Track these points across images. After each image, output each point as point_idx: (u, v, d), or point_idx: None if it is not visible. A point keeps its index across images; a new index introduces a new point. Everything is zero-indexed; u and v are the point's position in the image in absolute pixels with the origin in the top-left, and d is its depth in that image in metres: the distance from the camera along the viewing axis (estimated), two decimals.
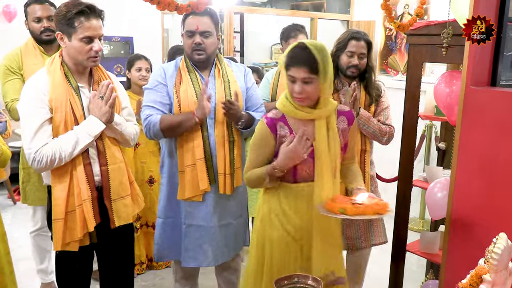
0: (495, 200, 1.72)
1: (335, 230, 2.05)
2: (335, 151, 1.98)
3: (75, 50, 2.06)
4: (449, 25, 2.02)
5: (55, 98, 2.06)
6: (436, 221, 2.99)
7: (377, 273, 3.12)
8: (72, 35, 2.03)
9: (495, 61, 1.82)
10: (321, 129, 1.95)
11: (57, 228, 2.10)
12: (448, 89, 2.40)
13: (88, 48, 2.06)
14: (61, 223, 2.10)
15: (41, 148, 2.02)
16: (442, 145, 3.57)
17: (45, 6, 2.93)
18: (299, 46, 1.92)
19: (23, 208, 3.81)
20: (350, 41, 2.62)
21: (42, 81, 2.08)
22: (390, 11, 2.20)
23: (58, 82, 2.08)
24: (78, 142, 2.06)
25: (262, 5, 6.49)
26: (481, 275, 1.27)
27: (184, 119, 2.39)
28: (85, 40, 2.04)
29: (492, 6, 1.76)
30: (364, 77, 2.69)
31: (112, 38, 5.97)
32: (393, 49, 5.03)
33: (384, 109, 2.72)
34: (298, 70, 1.89)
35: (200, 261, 2.56)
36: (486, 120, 1.73)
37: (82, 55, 2.07)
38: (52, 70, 2.10)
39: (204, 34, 2.41)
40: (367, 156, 2.72)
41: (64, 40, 2.07)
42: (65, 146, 2.04)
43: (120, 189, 2.24)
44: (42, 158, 2.02)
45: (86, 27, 2.03)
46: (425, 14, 4.57)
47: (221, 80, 2.50)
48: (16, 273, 2.50)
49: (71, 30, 2.02)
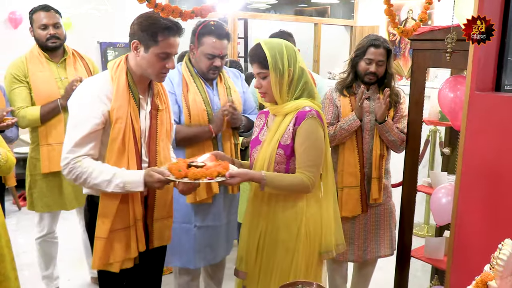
0: (500, 205, 1.71)
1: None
2: (272, 148, 2.02)
3: (148, 63, 1.94)
4: (453, 30, 2.02)
5: (117, 108, 1.93)
6: (441, 226, 2.98)
7: (382, 279, 3.11)
8: (151, 47, 1.91)
9: (499, 66, 1.81)
10: (275, 125, 2.04)
11: (99, 247, 1.97)
12: (453, 94, 2.40)
13: (163, 65, 1.95)
14: (104, 242, 1.96)
15: (80, 159, 1.90)
16: (446, 150, 3.56)
17: (51, 14, 2.94)
18: (255, 45, 2.05)
19: (28, 214, 3.82)
20: (369, 48, 2.63)
21: (104, 88, 1.95)
22: (393, 17, 2.20)
23: (122, 91, 1.95)
24: (109, 182, 1.90)
25: (266, 11, 6.51)
26: (487, 281, 1.26)
27: (200, 132, 2.49)
28: (162, 55, 1.93)
29: (496, 11, 1.76)
30: (383, 83, 2.71)
31: (117, 44, 6.01)
32: (397, 54, 5.03)
33: (404, 116, 2.72)
34: (253, 66, 2.05)
35: (209, 260, 2.65)
36: (491, 125, 1.73)
37: (154, 69, 1.96)
38: (116, 78, 1.96)
39: (223, 58, 2.52)
40: (384, 162, 2.71)
41: (139, 49, 1.94)
42: (95, 174, 1.90)
43: (164, 209, 2.16)
44: (74, 170, 1.90)
45: (168, 44, 1.93)
46: (429, 19, 4.57)
47: (223, 87, 2.61)
48: (21, 279, 2.49)
49: (152, 43, 1.91)
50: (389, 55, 2.68)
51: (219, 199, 2.59)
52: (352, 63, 2.71)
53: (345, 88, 2.71)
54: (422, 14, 2.31)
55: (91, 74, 3.08)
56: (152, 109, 2.07)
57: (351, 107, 2.67)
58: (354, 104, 2.66)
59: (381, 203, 2.71)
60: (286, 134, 2.00)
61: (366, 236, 2.72)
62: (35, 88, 2.88)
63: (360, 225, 2.70)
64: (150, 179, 1.89)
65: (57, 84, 2.92)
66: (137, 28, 1.93)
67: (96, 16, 5.76)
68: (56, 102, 2.87)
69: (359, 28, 5.35)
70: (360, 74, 2.68)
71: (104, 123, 1.93)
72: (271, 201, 2.04)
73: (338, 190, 2.64)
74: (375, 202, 2.68)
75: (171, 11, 1.51)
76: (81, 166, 1.90)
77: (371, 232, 2.73)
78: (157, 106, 2.08)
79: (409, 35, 2.34)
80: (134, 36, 1.94)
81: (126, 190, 1.92)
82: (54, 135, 2.90)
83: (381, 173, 2.69)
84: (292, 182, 1.96)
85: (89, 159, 1.92)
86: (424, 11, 2.31)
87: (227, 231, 2.70)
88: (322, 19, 5.54)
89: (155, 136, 2.08)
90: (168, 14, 1.52)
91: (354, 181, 2.64)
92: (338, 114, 2.70)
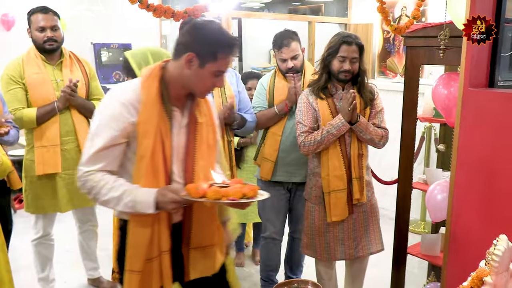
0: (495, 201, 1.72)
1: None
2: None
3: (200, 79, 1.74)
4: (446, 27, 2.03)
5: (145, 120, 1.70)
6: (437, 223, 2.99)
7: (379, 276, 3.11)
8: (208, 64, 1.71)
9: (492, 62, 1.82)
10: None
11: (132, 282, 1.75)
12: (446, 91, 2.40)
13: (214, 82, 1.77)
14: (138, 277, 1.74)
15: (93, 173, 1.71)
16: (441, 147, 3.57)
17: (49, 16, 2.92)
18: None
19: (23, 216, 3.80)
20: (342, 46, 2.56)
21: (132, 98, 1.71)
22: (386, 14, 2.21)
23: (152, 102, 1.72)
24: (119, 200, 1.70)
25: (260, 9, 6.50)
26: (482, 277, 1.26)
27: None
28: (217, 73, 1.75)
29: (489, 7, 1.76)
30: (357, 81, 2.64)
31: (111, 45, 5.98)
32: (392, 51, 5.04)
33: (378, 111, 2.68)
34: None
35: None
36: (485, 121, 1.73)
37: (204, 86, 1.78)
38: (147, 87, 1.73)
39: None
40: (363, 161, 2.66)
41: (193, 63, 1.71)
42: (105, 190, 1.70)
43: (206, 235, 1.87)
44: (86, 183, 1.72)
45: (225, 63, 1.76)
46: (423, 16, 4.58)
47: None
48: (16, 282, 2.49)
49: (210, 59, 1.71)
50: (361, 52, 2.61)
51: None
52: (324, 63, 2.63)
53: (321, 90, 2.63)
54: (415, 11, 2.32)
55: (87, 77, 3.08)
56: (189, 122, 1.83)
57: (330, 110, 2.60)
58: (332, 106, 2.60)
59: (366, 201, 2.69)
60: None
61: (355, 235, 2.69)
62: (31, 90, 2.87)
63: (349, 226, 2.66)
64: (163, 198, 1.67)
65: (53, 86, 2.91)
66: (192, 39, 1.72)
67: (89, 17, 5.74)
68: (53, 105, 2.86)
69: (353, 26, 5.36)
70: (334, 73, 2.60)
71: (126, 137, 1.72)
72: None
73: (324, 195, 2.61)
74: (358, 202, 2.64)
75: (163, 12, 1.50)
76: (92, 179, 1.70)
77: (360, 231, 2.70)
78: (196, 119, 1.84)
79: (402, 33, 2.35)
80: (188, 48, 1.71)
81: (136, 211, 1.70)
82: (49, 137, 2.89)
83: (362, 172, 2.63)
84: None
85: (103, 173, 1.71)
86: (417, 8, 2.32)
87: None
88: (316, 17, 5.54)
89: (192, 154, 1.83)
90: (161, 14, 1.51)
91: (341, 184, 2.58)
92: (317, 117, 2.63)
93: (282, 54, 2.83)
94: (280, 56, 2.85)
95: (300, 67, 2.87)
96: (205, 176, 1.81)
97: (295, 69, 2.84)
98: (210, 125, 1.90)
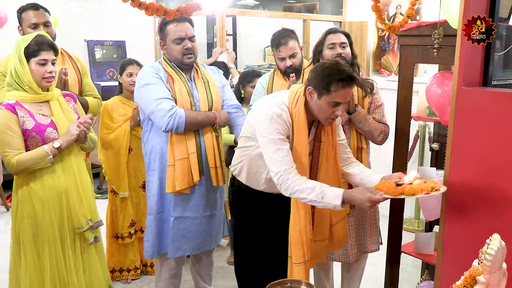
0: (488, 200, 1.72)
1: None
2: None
3: (319, 108, 2.11)
4: (440, 25, 2.03)
5: (295, 144, 2.15)
6: (431, 221, 2.99)
7: (373, 274, 3.11)
8: (323, 95, 2.07)
9: (486, 61, 1.82)
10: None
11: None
12: (440, 90, 2.40)
13: (333, 111, 2.10)
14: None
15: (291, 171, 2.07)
16: (435, 146, 3.58)
17: (41, 12, 2.90)
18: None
19: None
20: (328, 36, 2.62)
21: (286, 122, 2.13)
22: (380, 13, 2.20)
23: (301, 125, 2.14)
24: (312, 190, 2.05)
25: (255, 7, 6.48)
26: (475, 276, 1.26)
27: (205, 120, 2.61)
28: (332, 104, 2.07)
29: (483, 6, 1.76)
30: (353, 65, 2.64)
31: (105, 42, 5.96)
32: (386, 49, 5.04)
33: (378, 106, 2.69)
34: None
35: (184, 250, 2.70)
36: (478, 120, 1.73)
37: (324, 114, 2.12)
38: (296, 113, 2.14)
39: (192, 39, 2.61)
40: (364, 155, 2.66)
41: (313, 95, 2.11)
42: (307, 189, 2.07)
43: (323, 232, 2.32)
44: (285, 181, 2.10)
45: (338, 94, 2.05)
46: (417, 15, 4.58)
47: (201, 81, 2.69)
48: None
49: (324, 91, 2.06)
50: (350, 40, 2.65)
51: (197, 191, 2.64)
52: (315, 59, 2.67)
53: None
54: (409, 10, 2.31)
55: (79, 74, 3.06)
56: (313, 139, 2.24)
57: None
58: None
59: None
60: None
61: (357, 233, 2.70)
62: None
63: (350, 224, 2.68)
64: (361, 197, 1.95)
65: None
66: (314, 75, 2.10)
67: (83, 14, 5.71)
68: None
69: (348, 24, 5.35)
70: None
71: (287, 139, 2.13)
72: None
73: None
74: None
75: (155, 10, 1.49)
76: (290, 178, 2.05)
77: (361, 228, 2.72)
78: (320, 138, 2.23)
79: (396, 31, 2.35)
80: (310, 83, 2.11)
81: (324, 203, 2.01)
82: None
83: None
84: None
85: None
86: (411, 7, 2.31)
87: (208, 224, 2.73)
88: (311, 15, 5.52)
89: (316, 166, 2.25)
90: (153, 12, 1.50)
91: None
92: None
93: (280, 52, 2.83)
94: (279, 55, 2.85)
95: (299, 65, 2.87)
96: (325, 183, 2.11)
97: (293, 67, 2.84)
98: (331, 145, 2.26)
